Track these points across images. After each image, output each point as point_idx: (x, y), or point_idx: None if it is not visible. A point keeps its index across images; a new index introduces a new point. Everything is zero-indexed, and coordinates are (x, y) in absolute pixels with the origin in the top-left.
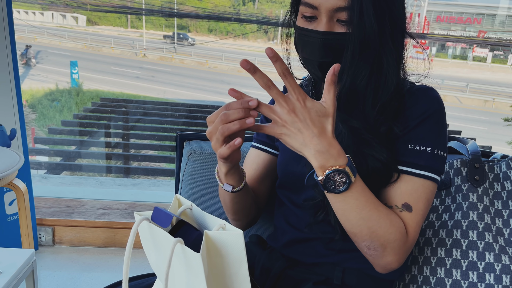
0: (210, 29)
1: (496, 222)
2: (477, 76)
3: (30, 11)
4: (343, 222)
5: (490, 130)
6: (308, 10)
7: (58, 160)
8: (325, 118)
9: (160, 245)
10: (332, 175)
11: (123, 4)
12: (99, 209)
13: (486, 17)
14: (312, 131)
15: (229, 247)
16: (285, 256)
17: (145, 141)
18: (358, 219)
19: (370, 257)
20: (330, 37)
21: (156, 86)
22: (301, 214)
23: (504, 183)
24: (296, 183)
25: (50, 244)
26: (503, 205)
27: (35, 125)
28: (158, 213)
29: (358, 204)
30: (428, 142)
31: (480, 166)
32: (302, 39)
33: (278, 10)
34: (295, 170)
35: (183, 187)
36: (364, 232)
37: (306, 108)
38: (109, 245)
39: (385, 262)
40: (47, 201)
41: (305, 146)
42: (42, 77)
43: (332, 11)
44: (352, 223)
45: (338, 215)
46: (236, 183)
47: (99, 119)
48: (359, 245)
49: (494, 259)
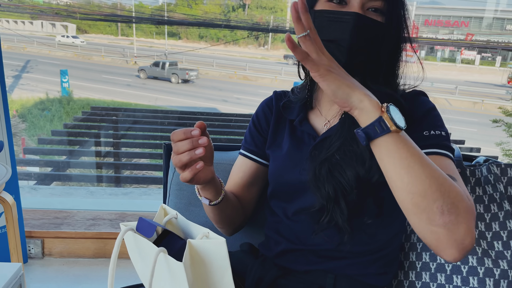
0: (201, 35)
1: (479, 226)
2: (466, 78)
3: (19, 21)
4: (409, 181)
5: (480, 131)
6: None
7: (49, 171)
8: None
9: (145, 255)
10: (392, 108)
11: (113, 12)
12: (89, 220)
13: (473, 20)
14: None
15: (212, 255)
16: (277, 265)
17: (136, 149)
18: (425, 166)
19: (444, 230)
20: (366, 22)
21: (148, 93)
22: (293, 225)
23: (485, 187)
24: (291, 191)
25: (40, 257)
26: (485, 209)
27: (25, 135)
28: (142, 224)
29: (417, 148)
30: (438, 127)
31: (461, 171)
32: (329, 22)
33: (269, 16)
34: (290, 179)
35: (171, 197)
36: (434, 186)
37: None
38: (100, 256)
39: (462, 233)
40: (36, 212)
41: (354, 85)
42: (32, 86)
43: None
44: (420, 175)
45: (402, 173)
46: (213, 197)
47: (90, 128)
48: (429, 213)
49: (477, 262)
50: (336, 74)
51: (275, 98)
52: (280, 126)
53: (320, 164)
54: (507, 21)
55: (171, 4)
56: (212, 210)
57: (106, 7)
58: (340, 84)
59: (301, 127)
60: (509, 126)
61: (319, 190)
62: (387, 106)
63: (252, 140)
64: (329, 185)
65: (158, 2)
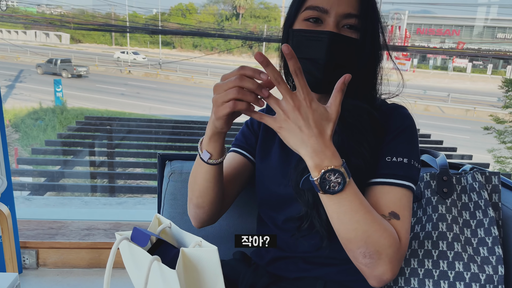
0: (195, 44)
1: (465, 232)
2: (457, 86)
3: (12, 30)
4: (338, 229)
5: (472, 138)
6: (314, 13)
7: (42, 181)
8: (326, 122)
9: (139, 263)
10: (328, 175)
11: (107, 22)
12: (83, 230)
13: (464, 29)
14: (312, 131)
15: (204, 262)
16: (269, 272)
17: (130, 158)
18: (353, 222)
19: (365, 267)
20: (341, 40)
21: (142, 102)
22: (282, 234)
23: (471, 195)
24: (279, 201)
25: (34, 267)
26: (470, 216)
27: (18, 145)
28: (137, 233)
29: (353, 206)
30: (404, 153)
31: (448, 179)
32: (306, 41)
33: (262, 25)
34: (278, 190)
35: (165, 207)
36: (359, 237)
37: (311, 109)
38: (94, 266)
39: (380, 272)
40: (30, 223)
41: (303, 143)
42: (25, 96)
43: (342, 16)
44: (347, 227)
45: (333, 221)
46: (215, 153)
47: (84, 138)
48: (354, 254)
49: (464, 268)
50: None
51: (268, 107)
52: (270, 133)
53: (302, 172)
54: (497, 29)
55: (165, 14)
56: (206, 172)
57: (100, 17)
58: (289, 141)
59: None
60: (500, 133)
61: (301, 198)
62: (322, 175)
63: (243, 138)
64: (309, 192)
65: (152, 12)
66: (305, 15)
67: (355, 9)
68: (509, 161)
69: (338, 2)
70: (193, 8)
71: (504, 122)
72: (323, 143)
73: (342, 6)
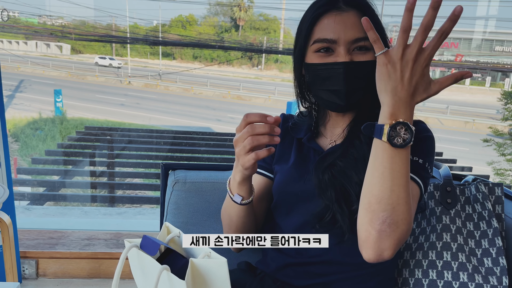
0: (195, 56)
1: (469, 242)
2: (456, 98)
3: (13, 41)
4: (375, 183)
5: (471, 150)
6: (324, 45)
7: (42, 191)
8: (423, 91)
9: (148, 272)
10: (400, 126)
11: (108, 33)
12: (83, 240)
13: (462, 41)
14: (410, 87)
15: (213, 274)
16: (278, 280)
17: (130, 169)
18: (394, 183)
19: (376, 234)
20: (355, 67)
21: (142, 113)
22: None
23: (474, 205)
24: (293, 201)
25: (34, 277)
26: (474, 227)
27: (18, 155)
28: (146, 241)
29: (401, 168)
30: (421, 155)
31: (451, 190)
32: (323, 74)
33: (262, 37)
34: (294, 188)
35: (168, 216)
36: (391, 200)
37: (423, 71)
38: (94, 277)
39: (387, 245)
40: (30, 233)
41: (393, 90)
42: (25, 106)
43: (351, 43)
44: (385, 185)
45: (373, 175)
46: (246, 194)
47: (84, 148)
48: (373, 216)
49: (468, 278)
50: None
51: (283, 119)
52: (287, 145)
53: (323, 171)
54: (495, 42)
55: (165, 25)
56: (240, 211)
57: (101, 28)
58: (383, 78)
59: (309, 143)
60: (500, 146)
61: (323, 193)
62: (397, 122)
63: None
64: (332, 188)
65: (153, 23)
66: (315, 48)
67: (362, 32)
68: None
69: (344, 29)
70: (193, 19)
71: (503, 135)
72: (410, 103)
73: (349, 32)
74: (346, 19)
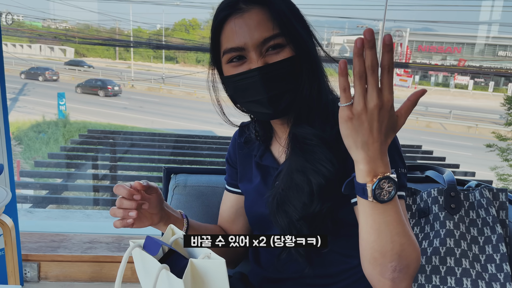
0: (198, 59)
1: (473, 248)
2: (459, 102)
3: (17, 44)
4: (374, 240)
5: (474, 155)
6: (233, 54)
7: (44, 194)
8: (392, 131)
9: (149, 271)
10: (383, 182)
11: (111, 37)
12: (85, 243)
13: (465, 46)
14: (380, 136)
15: (211, 274)
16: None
17: (133, 172)
18: (394, 234)
19: (390, 282)
20: (271, 70)
21: (144, 116)
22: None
23: (478, 211)
24: (262, 222)
25: (36, 280)
26: (478, 232)
27: (21, 158)
28: (149, 242)
29: (396, 217)
30: (394, 164)
31: (456, 195)
32: (240, 85)
33: None
34: (260, 211)
35: None
36: (395, 250)
37: (388, 114)
38: (96, 280)
39: (403, 286)
40: (32, 236)
41: (364, 146)
42: (29, 109)
43: (260, 45)
44: (385, 238)
45: (369, 233)
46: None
47: (87, 151)
48: (382, 268)
49: (472, 284)
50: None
51: (239, 133)
52: (247, 160)
53: (272, 198)
54: (498, 47)
55: (168, 29)
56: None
57: (105, 32)
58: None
59: (262, 162)
60: (503, 151)
61: (276, 223)
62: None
63: (228, 176)
64: (280, 216)
65: (156, 27)
66: (226, 59)
67: (271, 30)
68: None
69: (249, 32)
70: (196, 23)
71: (506, 140)
72: (384, 151)
73: (255, 34)
74: (248, 21)
